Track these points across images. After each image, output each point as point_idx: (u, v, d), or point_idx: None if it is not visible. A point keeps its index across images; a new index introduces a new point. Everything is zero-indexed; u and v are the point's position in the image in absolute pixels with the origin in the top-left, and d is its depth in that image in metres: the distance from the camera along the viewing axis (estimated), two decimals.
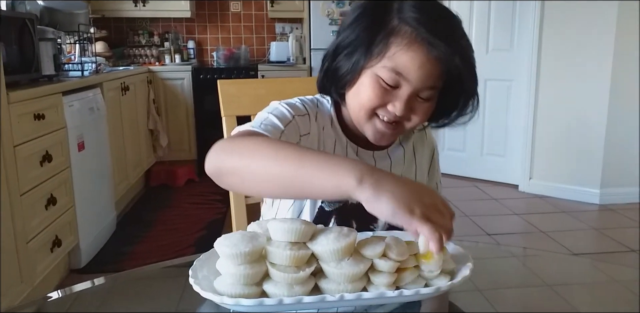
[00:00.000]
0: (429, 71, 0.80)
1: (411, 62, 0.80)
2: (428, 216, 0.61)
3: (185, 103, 4.20)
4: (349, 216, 0.92)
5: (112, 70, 3.48)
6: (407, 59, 0.80)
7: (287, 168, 0.68)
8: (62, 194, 2.26)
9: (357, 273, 0.67)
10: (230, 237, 0.68)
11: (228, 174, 0.73)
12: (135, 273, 0.96)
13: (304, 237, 0.68)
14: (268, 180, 0.70)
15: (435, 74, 0.81)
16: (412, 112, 0.85)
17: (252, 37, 4.78)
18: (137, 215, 3.29)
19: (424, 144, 1.02)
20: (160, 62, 4.42)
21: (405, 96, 0.83)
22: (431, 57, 0.79)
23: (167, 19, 4.59)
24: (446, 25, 0.82)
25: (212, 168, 0.73)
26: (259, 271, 0.67)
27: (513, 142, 3.82)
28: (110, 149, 2.96)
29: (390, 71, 0.81)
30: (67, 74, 2.82)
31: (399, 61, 0.80)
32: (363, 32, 0.82)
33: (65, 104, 2.33)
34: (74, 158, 2.38)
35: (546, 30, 3.46)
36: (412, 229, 0.62)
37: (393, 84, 0.82)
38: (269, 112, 0.87)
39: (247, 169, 0.71)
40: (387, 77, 0.81)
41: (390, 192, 0.62)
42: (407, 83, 0.81)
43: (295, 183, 0.68)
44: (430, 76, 0.81)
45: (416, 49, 0.79)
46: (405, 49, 0.79)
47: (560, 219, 3.16)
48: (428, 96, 0.84)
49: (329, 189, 0.66)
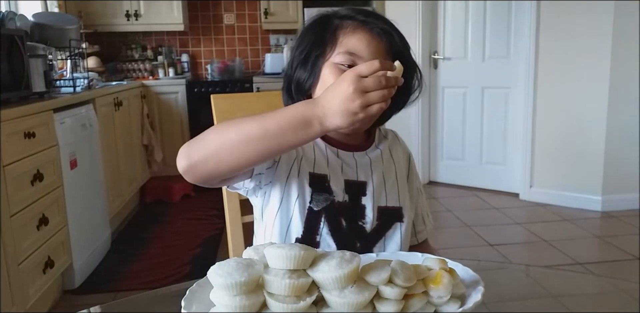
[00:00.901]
0: (376, 47, 0.91)
1: (359, 42, 0.91)
2: (366, 102, 0.69)
3: (179, 117, 4.17)
4: (338, 214, 0.94)
5: (105, 85, 3.44)
6: (355, 40, 0.91)
7: (253, 127, 0.75)
8: (54, 214, 2.21)
9: (361, 302, 0.62)
10: (224, 265, 0.64)
11: (200, 161, 0.78)
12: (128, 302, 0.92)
13: (304, 264, 0.64)
14: (241, 146, 0.76)
15: (382, 49, 0.91)
16: None
17: (246, 49, 4.77)
18: (132, 232, 3.23)
19: (398, 148, 1.05)
20: (154, 77, 4.39)
21: None
22: (375, 35, 0.91)
23: (160, 33, 4.57)
24: (376, 14, 0.96)
25: (184, 164, 0.79)
26: (256, 302, 0.63)
27: (512, 150, 3.78)
28: (104, 166, 2.92)
29: (344, 54, 0.90)
30: (59, 90, 2.79)
31: (349, 44, 0.91)
32: (312, 41, 0.94)
33: (57, 121, 2.29)
34: (66, 176, 2.33)
35: (543, 37, 3.45)
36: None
37: (350, 64, 0.90)
38: None
39: (218, 146, 0.77)
40: (344, 59, 0.90)
41: (326, 109, 0.71)
42: (361, 60, 0.89)
43: (267, 135, 0.74)
44: (379, 51, 0.91)
45: (360, 32, 0.91)
46: (350, 33, 0.92)
47: (563, 227, 3.12)
48: None
49: (296, 124, 0.73)
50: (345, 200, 0.94)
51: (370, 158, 0.99)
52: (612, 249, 2.77)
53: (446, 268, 0.68)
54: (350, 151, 0.98)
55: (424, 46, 3.96)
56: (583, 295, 0.91)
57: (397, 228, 0.98)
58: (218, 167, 0.78)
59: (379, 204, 0.97)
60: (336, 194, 0.93)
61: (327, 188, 0.93)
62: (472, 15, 3.86)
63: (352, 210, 0.95)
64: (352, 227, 0.95)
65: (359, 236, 0.95)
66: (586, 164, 3.38)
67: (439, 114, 4.11)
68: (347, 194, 0.94)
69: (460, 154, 4.06)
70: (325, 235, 0.92)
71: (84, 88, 2.92)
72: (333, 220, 0.93)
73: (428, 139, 4.15)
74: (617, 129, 3.29)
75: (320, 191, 0.93)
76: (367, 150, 1.00)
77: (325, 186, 0.93)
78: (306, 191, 0.92)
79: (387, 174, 0.99)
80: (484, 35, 3.81)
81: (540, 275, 1.03)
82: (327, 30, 0.93)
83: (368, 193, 0.96)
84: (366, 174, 0.97)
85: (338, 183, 0.94)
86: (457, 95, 4.00)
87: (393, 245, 0.97)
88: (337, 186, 0.94)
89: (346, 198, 0.94)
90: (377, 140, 1.02)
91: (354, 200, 0.95)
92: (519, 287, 0.94)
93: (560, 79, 3.43)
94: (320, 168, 0.94)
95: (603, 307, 0.86)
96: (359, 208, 0.95)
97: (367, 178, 0.97)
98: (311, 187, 0.92)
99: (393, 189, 0.99)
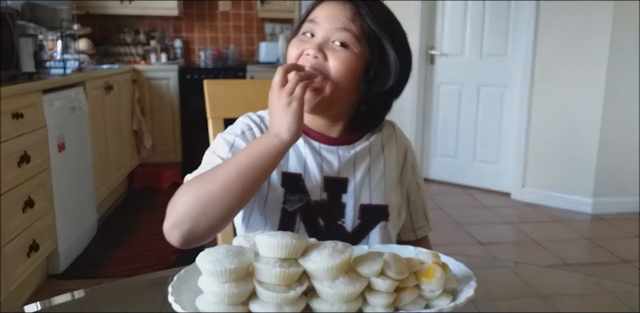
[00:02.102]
0: (335, 12, 0.87)
1: (320, 10, 0.89)
2: (288, 91, 0.79)
3: (170, 104, 4.12)
4: (315, 214, 0.91)
5: (96, 68, 3.40)
6: (318, 9, 0.89)
7: (227, 171, 0.78)
8: (41, 197, 2.17)
9: (352, 293, 0.62)
10: (214, 252, 0.63)
11: (194, 226, 0.76)
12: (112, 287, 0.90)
13: (295, 253, 0.63)
14: (225, 192, 0.76)
15: (343, 16, 0.86)
16: (327, 59, 0.86)
17: (240, 37, 4.72)
18: (119, 219, 3.20)
19: (392, 142, 1.00)
20: (146, 61, 4.33)
21: (319, 38, 0.87)
22: (337, 3, 0.88)
23: (154, 17, 4.50)
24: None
25: (178, 235, 0.77)
26: (245, 290, 0.62)
27: (506, 149, 3.78)
28: (92, 150, 2.88)
29: (305, 23, 0.90)
30: (49, 71, 2.74)
31: (312, 14, 0.89)
32: (297, 27, 0.93)
33: (46, 103, 2.25)
34: (53, 158, 2.30)
35: (541, 36, 3.45)
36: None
37: (309, 32, 0.89)
38: (205, 162, 0.92)
39: (202, 204, 0.76)
40: (304, 29, 0.89)
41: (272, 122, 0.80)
42: (318, 27, 0.88)
43: (242, 171, 0.77)
44: (337, 17, 0.87)
45: (325, 3, 0.89)
46: (315, 5, 0.90)
47: (553, 228, 3.14)
48: (341, 39, 0.86)
49: (261, 149, 0.79)
50: (323, 199, 0.91)
51: (355, 151, 0.94)
52: (601, 251, 2.79)
53: (439, 262, 0.67)
54: (335, 145, 0.93)
55: (421, 41, 3.95)
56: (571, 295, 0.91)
57: (382, 227, 0.94)
58: (213, 222, 0.77)
59: (362, 202, 0.93)
60: (312, 193, 0.90)
61: (301, 187, 0.90)
62: (470, 12, 3.84)
63: (330, 209, 0.92)
64: (330, 227, 0.92)
65: (338, 235, 0.88)
66: (578, 166, 3.39)
67: (433, 110, 4.09)
68: (325, 192, 0.91)
69: (453, 151, 4.05)
70: (303, 236, 0.90)
71: (74, 70, 2.87)
72: (310, 220, 0.91)
73: (422, 135, 4.13)
74: (611, 131, 3.30)
75: (293, 191, 0.90)
76: (356, 143, 0.95)
77: (299, 186, 0.90)
78: (278, 192, 0.90)
79: (373, 170, 0.95)
80: (482, 33, 3.80)
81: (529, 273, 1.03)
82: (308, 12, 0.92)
83: (349, 190, 0.92)
84: (348, 170, 0.93)
85: (315, 181, 0.91)
86: (452, 92, 3.98)
87: (377, 244, 0.93)
88: (314, 184, 0.91)
89: (324, 197, 0.91)
90: (370, 132, 0.98)
91: (333, 198, 0.92)
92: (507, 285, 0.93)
93: (557, 79, 3.43)
94: (295, 167, 0.91)
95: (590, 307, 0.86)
96: (338, 206, 0.92)
97: (349, 174, 0.93)
98: (284, 187, 0.90)
99: (378, 186, 0.95)
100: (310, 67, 0.85)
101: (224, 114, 1.20)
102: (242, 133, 0.92)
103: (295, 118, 0.78)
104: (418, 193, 1.03)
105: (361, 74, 0.88)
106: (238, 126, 0.95)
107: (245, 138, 0.92)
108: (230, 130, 0.95)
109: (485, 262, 1.22)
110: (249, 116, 0.97)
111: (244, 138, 0.92)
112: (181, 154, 4.19)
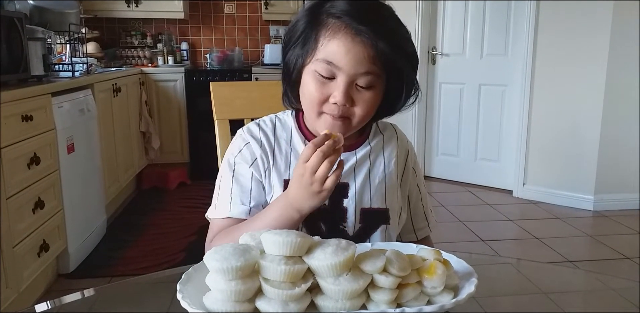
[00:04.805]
0: (358, 56, 0.82)
1: (338, 50, 0.82)
2: (320, 179, 0.78)
3: (178, 105, 4.15)
4: (316, 219, 0.92)
5: (104, 71, 3.42)
6: (334, 47, 0.82)
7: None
8: (51, 198, 2.20)
9: (356, 290, 0.63)
10: (221, 250, 0.64)
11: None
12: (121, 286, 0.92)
13: (300, 251, 0.64)
14: None
15: (366, 59, 0.82)
16: (355, 104, 0.86)
17: (246, 39, 4.74)
18: (128, 219, 3.23)
19: (393, 145, 1.01)
20: (152, 64, 4.37)
21: (342, 84, 0.84)
22: (357, 42, 0.81)
23: (160, 20, 4.54)
24: (372, 13, 0.84)
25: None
26: (252, 287, 0.63)
27: (507, 147, 3.79)
28: (101, 152, 2.91)
29: (322, 62, 0.83)
30: (57, 74, 2.77)
31: (328, 50, 0.83)
32: (299, 35, 0.88)
33: (55, 105, 2.28)
34: (63, 160, 2.33)
35: (541, 35, 3.45)
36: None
37: (328, 75, 0.84)
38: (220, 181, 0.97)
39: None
40: (321, 68, 0.84)
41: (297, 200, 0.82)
42: (340, 71, 0.83)
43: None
44: (361, 61, 0.82)
45: (341, 37, 0.82)
46: (330, 37, 0.83)
47: (555, 225, 3.14)
48: (366, 83, 0.85)
49: (282, 221, 0.83)
50: (325, 204, 0.91)
51: (357, 157, 0.95)
52: (602, 248, 2.79)
53: (440, 259, 0.69)
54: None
55: (423, 41, 3.96)
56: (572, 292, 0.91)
57: (383, 230, 0.95)
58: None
59: (362, 206, 0.94)
60: None
61: None
62: (471, 12, 3.85)
63: (332, 214, 0.93)
64: (332, 231, 0.93)
65: None
66: (579, 163, 3.39)
67: (435, 109, 4.11)
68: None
69: (455, 150, 4.06)
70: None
71: (82, 73, 2.90)
72: (312, 225, 0.92)
73: (424, 134, 4.15)
74: (612, 129, 3.29)
75: None
76: (357, 149, 0.96)
77: None
78: None
79: (373, 174, 0.96)
80: (482, 32, 3.80)
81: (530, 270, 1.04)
82: (313, 26, 0.86)
83: (350, 195, 0.94)
84: (349, 175, 0.94)
85: None
86: (454, 91, 3.99)
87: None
88: None
89: (326, 202, 0.91)
90: (372, 136, 0.99)
91: (334, 203, 0.93)
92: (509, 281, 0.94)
93: (557, 77, 3.43)
94: None
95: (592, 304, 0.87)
96: (340, 211, 0.93)
97: (349, 180, 0.94)
98: None
99: (379, 190, 0.96)
100: (339, 115, 0.86)
101: (230, 116, 1.22)
102: (239, 152, 0.96)
103: (321, 202, 0.81)
104: (419, 195, 1.04)
105: (382, 98, 0.89)
106: (236, 146, 0.98)
107: (242, 156, 0.96)
108: (229, 150, 0.99)
109: (486, 259, 1.23)
110: (243, 131, 1.00)
111: (242, 157, 0.95)
112: (188, 155, 4.21)
